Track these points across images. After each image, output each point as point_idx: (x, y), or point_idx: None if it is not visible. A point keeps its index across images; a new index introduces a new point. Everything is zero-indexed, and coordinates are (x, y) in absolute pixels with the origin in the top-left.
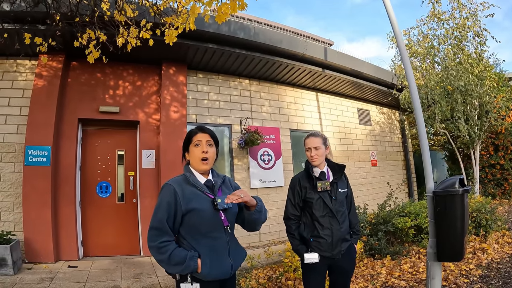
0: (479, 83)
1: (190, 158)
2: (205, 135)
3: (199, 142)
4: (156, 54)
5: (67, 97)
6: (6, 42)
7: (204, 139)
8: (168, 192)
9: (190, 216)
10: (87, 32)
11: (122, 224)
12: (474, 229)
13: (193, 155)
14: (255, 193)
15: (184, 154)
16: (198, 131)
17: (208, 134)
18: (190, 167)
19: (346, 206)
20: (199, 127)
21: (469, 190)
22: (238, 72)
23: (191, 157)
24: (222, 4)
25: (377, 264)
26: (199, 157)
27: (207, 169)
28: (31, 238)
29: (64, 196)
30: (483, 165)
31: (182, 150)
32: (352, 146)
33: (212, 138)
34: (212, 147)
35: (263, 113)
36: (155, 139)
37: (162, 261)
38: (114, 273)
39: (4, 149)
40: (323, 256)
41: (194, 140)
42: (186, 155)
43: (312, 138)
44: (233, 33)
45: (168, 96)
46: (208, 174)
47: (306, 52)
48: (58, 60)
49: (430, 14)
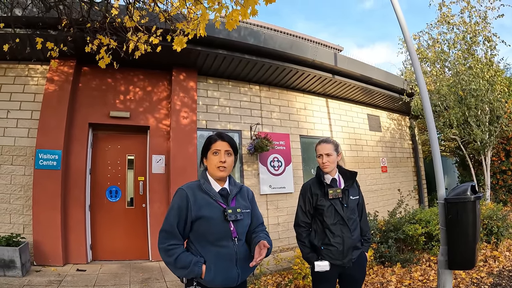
0: (489, 88)
1: (208, 165)
2: (224, 144)
3: (218, 151)
4: (166, 59)
5: (78, 102)
6: (18, 47)
7: (223, 148)
8: (180, 197)
9: (199, 223)
10: (98, 38)
11: (131, 228)
12: (486, 236)
13: (210, 162)
14: (265, 199)
15: (202, 159)
16: (217, 138)
17: (228, 142)
18: (207, 173)
19: (358, 213)
20: (218, 134)
21: (481, 197)
22: (248, 78)
23: (208, 164)
24: (233, 10)
25: (387, 271)
26: (217, 166)
27: (224, 175)
28: (40, 240)
29: (74, 199)
30: (494, 171)
31: (201, 156)
32: (362, 153)
33: (232, 146)
34: (230, 156)
35: (273, 119)
36: (165, 145)
37: (169, 263)
38: (123, 277)
39: (15, 152)
40: (333, 264)
41: (213, 148)
42: (204, 161)
43: (323, 145)
44: (243, 39)
45: (178, 102)
46: (224, 181)
47: (316, 58)
48: (69, 65)
49: (440, 18)
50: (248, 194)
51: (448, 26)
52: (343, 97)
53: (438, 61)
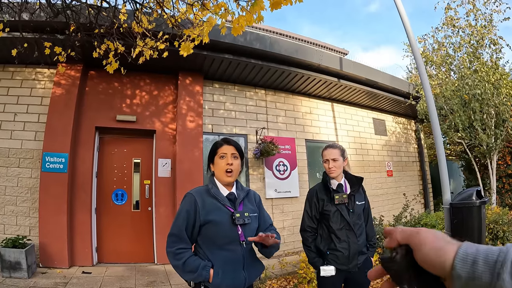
0: (495, 92)
1: (215, 170)
2: (230, 148)
3: (224, 154)
4: (172, 64)
5: (84, 106)
6: (26, 52)
7: (229, 151)
8: (189, 202)
9: (207, 227)
10: (105, 43)
11: (137, 231)
12: (491, 241)
13: (218, 167)
14: (270, 203)
15: (209, 165)
16: (223, 143)
17: (234, 146)
18: (215, 178)
19: (363, 218)
20: (224, 139)
21: (486, 201)
22: (254, 82)
23: (216, 168)
24: (239, 16)
25: None
26: (224, 169)
27: (231, 181)
28: (46, 243)
29: (80, 202)
30: (500, 175)
31: (208, 161)
32: (367, 157)
33: (238, 150)
34: (237, 160)
35: (278, 123)
36: (171, 148)
37: (177, 267)
38: (128, 280)
39: (22, 155)
40: (339, 269)
41: (219, 152)
42: (211, 166)
43: (330, 150)
44: (249, 43)
45: (184, 106)
46: (232, 186)
47: (322, 62)
48: (76, 69)
49: (445, 21)
50: (255, 198)
51: (454, 29)
52: (349, 101)
53: (443, 64)
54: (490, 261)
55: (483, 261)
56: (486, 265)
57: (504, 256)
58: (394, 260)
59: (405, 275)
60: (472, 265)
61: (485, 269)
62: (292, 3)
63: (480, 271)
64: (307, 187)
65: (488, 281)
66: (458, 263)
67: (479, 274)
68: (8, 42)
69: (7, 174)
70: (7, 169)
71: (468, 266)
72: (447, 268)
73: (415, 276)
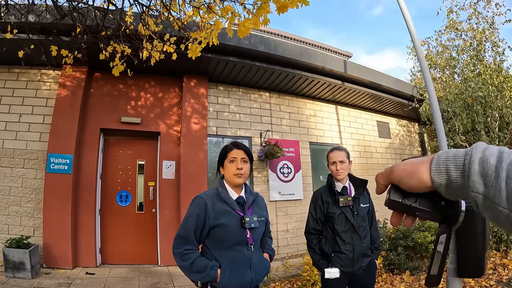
0: (498, 95)
1: (225, 173)
2: (240, 152)
3: (234, 158)
4: (177, 66)
5: (89, 107)
6: (33, 53)
7: (239, 156)
8: (199, 205)
9: (216, 230)
10: (111, 45)
11: (141, 233)
12: (495, 244)
13: (227, 170)
14: (274, 205)
15: (218, 169)
16: (233, 147)
17: (243, 150)
18: (224, 181)
19: (368, 221)
20: (234, 143)
21: None
22: (258, 85)
23: (225, 172)
24: (246, 19)
25: (396, 279)
26: (234, 173)
27: (241, 182)
28: (50, 243)
29: (84, 203)
30: None
31: (217, 164)
32: (371, 159)
33: (247, 154)
34: (246, 164)
35: (282, 125)
36: (176, 150)
37: (184, 268)
38: (131, 281)
39: (27, 156)
40: (343, 272)
41: (229, 156)
42: (220, 170)
43: (337, 152)
44: (253, 46)
45: (189, 108)
46: (241, 189)
47: (326, 65)
48: (82, 71)
49: (448, 24)
50: (262, 202)
51: (457, 33)
52: (353, 104)
53: (447, 67)
54: (459, 165)
55: (454, 167)
56: (457, 170)
57: (469, 158)
58: (391, 200)
59: (407, 204)
60: (446, 173)
61: (457, 174)
62: (298, 7)
63: (454, 176)
64: (311, 190)
65: (462, 183)
66: (435, 176)
67: (454, 179)
68: (14, 44)
69: (12, 175)
70: (12, 169)
71: (443, 175)
72: (429, 183)
73: (415, 199)
